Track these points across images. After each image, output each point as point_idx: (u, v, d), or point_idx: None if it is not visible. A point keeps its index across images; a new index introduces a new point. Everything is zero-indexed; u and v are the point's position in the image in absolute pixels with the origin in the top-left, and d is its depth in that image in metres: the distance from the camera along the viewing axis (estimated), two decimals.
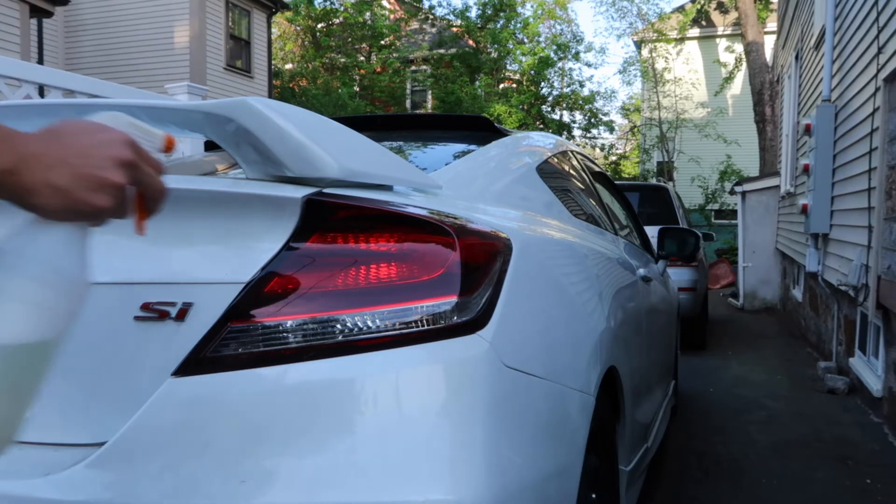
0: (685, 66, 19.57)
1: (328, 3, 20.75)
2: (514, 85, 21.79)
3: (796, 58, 8.38)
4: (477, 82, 20.98)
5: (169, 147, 0.82)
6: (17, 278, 0.70)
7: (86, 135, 0.72)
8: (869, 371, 4.44)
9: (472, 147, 1.86)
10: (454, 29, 21.55)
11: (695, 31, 19.97)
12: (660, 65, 19.84)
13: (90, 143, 0.72)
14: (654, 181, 16.90)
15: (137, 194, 0.76)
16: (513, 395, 1.17)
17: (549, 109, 21.89)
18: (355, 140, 1.25)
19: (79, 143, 0.71)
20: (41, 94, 3.92)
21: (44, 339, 0.71)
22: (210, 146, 2.46)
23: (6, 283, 0.69)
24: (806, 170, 6.04)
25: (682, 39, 19.68)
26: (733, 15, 17.95)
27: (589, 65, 31.93)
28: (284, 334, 1.06)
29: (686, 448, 3.58)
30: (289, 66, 21.30)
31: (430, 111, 20.44)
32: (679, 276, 5.77)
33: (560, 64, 21.68)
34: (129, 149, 0.74)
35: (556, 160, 2.21)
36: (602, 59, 51.01)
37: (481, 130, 2.09)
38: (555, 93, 22.23)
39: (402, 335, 1.07)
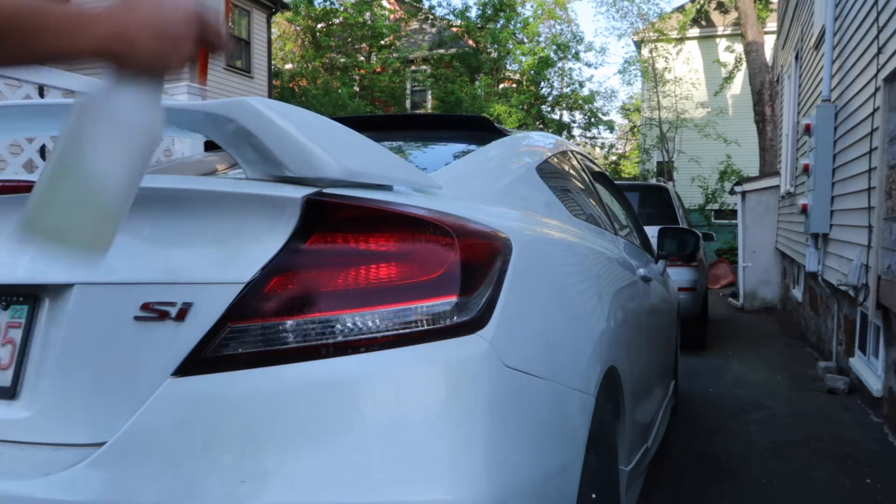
0: (685, 66, 19.58)
1: (328, 3, 20.77)
2: (514, 85, 21.80)
3: (796, 58, 8.38)
4: (477, 82, 20.98)
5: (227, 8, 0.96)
6: (103, 125, 0.84)
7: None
8: (869, 371, 4.43)
9: (472, 147, 1.86)
10: (454, 29, 21.56)
11: (695, 31, 19.98)
12: (660, 65, 19.84)
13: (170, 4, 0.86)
14: (654, 181, 16.90)
15: (201, 48, 0.89)
16: (513, 395, 1.17)
17: (549, 109, 21.90)
18: (355, 140, 1.25)
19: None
20: (41, 94, 3.92)
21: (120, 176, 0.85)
22: (210, 146, 2.46)
23: (92, 128, 0.83)
24: (806, 170, 6.04)
25: (682, 39, 19.68)
26: (733, 15, 17.95)
27: (589, 65, 32.04)
28: (284, 334, 1.06)
29: (686, 448, 3.58)
30: (289, 66, 21.31)
31: (430, 111, 20.44)
32: (679, 276, 5.77)
33: (560, 64, 21.70)
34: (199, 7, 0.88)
35: (556, 160, 2.21)
36: (602, 59, 51.11)
37: (481, 130, 2.08)
38: (555, 93, 22.24)
39: (401, 335, 1.07)
